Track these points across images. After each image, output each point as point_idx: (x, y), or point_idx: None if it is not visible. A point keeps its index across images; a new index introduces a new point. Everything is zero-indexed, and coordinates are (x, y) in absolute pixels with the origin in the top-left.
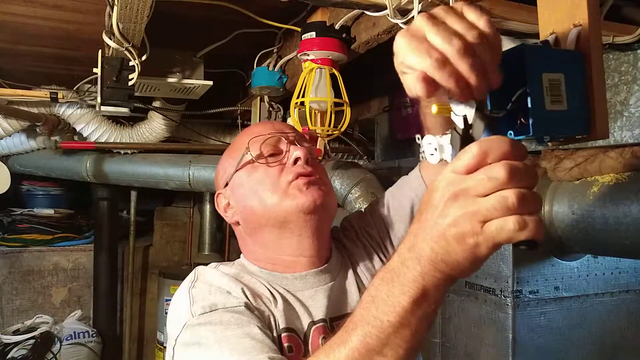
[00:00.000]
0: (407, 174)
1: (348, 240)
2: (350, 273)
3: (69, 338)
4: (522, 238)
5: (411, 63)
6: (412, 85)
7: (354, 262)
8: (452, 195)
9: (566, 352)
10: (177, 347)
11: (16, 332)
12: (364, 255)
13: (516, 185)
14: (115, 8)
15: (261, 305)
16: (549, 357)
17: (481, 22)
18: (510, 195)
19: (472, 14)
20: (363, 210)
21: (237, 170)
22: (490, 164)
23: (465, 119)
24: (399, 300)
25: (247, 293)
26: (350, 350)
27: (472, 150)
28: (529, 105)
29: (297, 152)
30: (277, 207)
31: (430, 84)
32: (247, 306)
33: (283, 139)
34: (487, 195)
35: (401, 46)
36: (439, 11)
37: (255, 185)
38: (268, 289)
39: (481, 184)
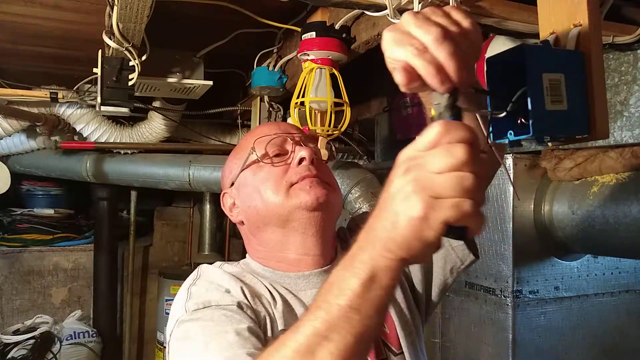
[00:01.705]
0: None
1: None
2: None
3: (69, 338)
4: (469, 224)
5: (394, 55)
6: (395, 76)
7: None
8: (406, 169)
9: (566, 352)
10: (171, 342)
11: (16, 332)
12: None
13: (473, 170)
14: (115, 8)
15: (259, 306)
16: (549, 357)
17: (466, 21)
18: (468, 177)
19: (457, 14)
20: (369, 211)
21: (242, 170)
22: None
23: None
24: (349, 283)
25: (246, 292)
26: (300, 335)
27: (435, 128)
28: (529, 105)
29: (302, 152)
30: (280, 206)
31: (410, 73)
32: (240, 306)
33: (289, 139)
34: (442, 173)
35: (386, 40)
36: (426, 10)
37: (260, 184)
38: (269, 290)
39: (438, 159)
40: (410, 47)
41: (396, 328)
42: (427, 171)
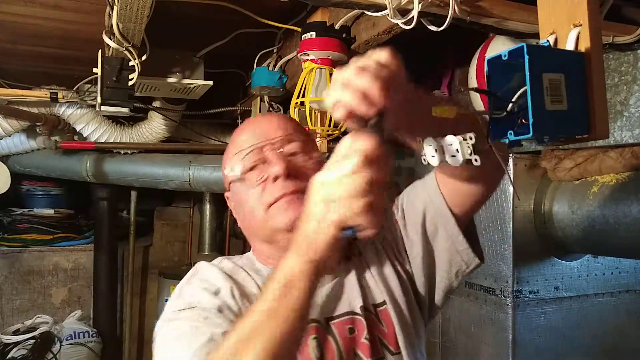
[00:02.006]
0: (410, 174)
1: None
2: (353, 272)
3: (69, 338)
4: (360, 222)
5: (328, 102)
6: (334, 115)
7: (361, 259)
8: (318, 177)
9: (566, 352)
10: (157, 338)
11: (16, 332)
12: (372, 254)
13: (368, 173)
14: (115, 8)
15: (247, 306)
16: (549, 357)
17: (382, 56)
18: (359, 179)
19: (376, 53)
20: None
21: (230, 183)
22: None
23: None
24: (270, 288)
25: (235, 293)
26: (228, 340)
27: (344, 141)
28: (529, 105)
29: (275, 168)
30: (263, 226)
31: (345, 108)
32: (221, 309)
33: (268, 146)
34: (340, 178)
35: (325, 100)
36: (350, 61)
37: (243, 200)
38: (260, 290)
39: (338, 166)
40: (337, 87)
41: (395, 328)
42: (330, 177)
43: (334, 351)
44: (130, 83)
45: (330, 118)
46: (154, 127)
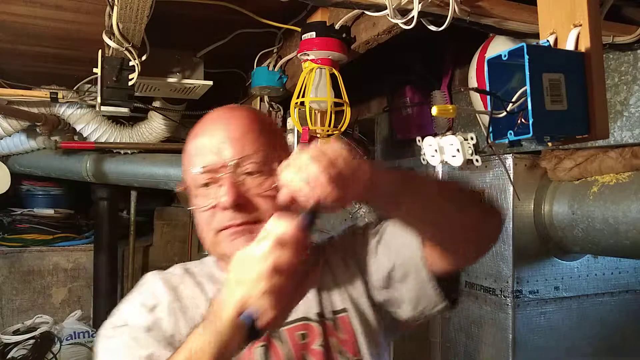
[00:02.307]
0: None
1: (330, 245)
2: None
3: (69, 338)
4: (259, 306)
5: (281, 179)
6: (279, 194)
7: (325, 268)
8: (239, 253)
9: (566, 352)
10: (95, 351)
11: (16, 332)
12: (340, 264)
13: (276, 258)
14: (115, 8)
15: (183, 320)
16: (549, 357)
17: (343, 152)
18: (266, 263)
19: (337, 148)
20: (361, 227)
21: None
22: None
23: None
24: (182, 350)
25: (174, 307)
26: None
27: (269, 221)
28: (529, 105)
29: (224, 199)
30: (212, 248)
31: (289, 191)
32: (150, 329)
33: (221, 168)
34: (250, 258)
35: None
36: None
37: (196, 216)
38: (209, 301)
39: (251, 249)
40: (291, 169)
41: (355, 335)
42: (245, 255)
43: (282, 358)
44: (130, 83)
45: (331, 118)
46: (154, 127)
